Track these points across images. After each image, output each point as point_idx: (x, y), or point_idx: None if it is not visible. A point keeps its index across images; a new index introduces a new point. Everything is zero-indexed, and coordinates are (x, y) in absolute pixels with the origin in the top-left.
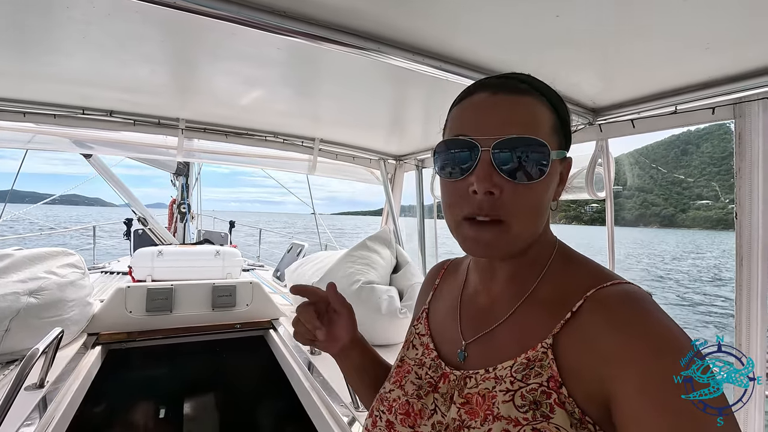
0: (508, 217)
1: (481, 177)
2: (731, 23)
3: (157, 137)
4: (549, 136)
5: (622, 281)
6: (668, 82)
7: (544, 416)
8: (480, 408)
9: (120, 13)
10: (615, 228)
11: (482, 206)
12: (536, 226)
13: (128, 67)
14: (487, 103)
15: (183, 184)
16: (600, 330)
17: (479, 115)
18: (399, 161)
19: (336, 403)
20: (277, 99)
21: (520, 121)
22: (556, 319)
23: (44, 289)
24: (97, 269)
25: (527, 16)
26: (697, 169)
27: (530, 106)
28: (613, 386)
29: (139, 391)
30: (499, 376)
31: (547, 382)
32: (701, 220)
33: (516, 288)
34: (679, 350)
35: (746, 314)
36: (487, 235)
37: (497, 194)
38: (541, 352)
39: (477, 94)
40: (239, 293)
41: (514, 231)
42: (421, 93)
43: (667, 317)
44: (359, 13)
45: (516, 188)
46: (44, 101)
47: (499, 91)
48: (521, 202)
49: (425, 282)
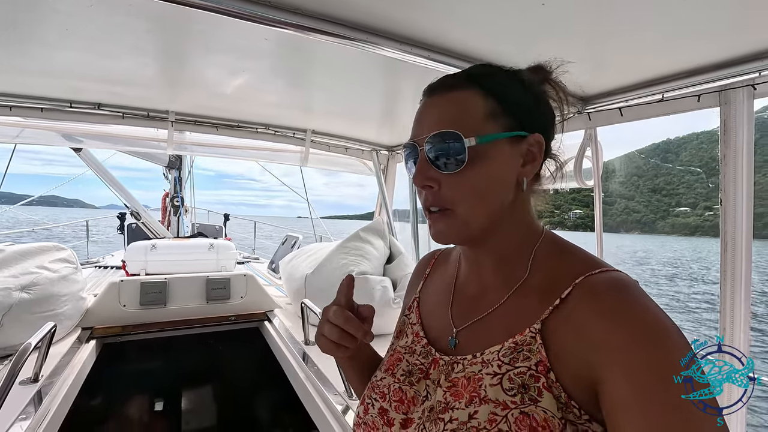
0: (453, 204)
1: (417, 173)
2: (716, 12)
3: (147, 130)
4: (481, 122)
5: (610, 269)
6: (655, 70)
7: (532, 399)
8: (465, 390)
9: (103, 5)
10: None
11: (428, 199)
12: (484, 207)
13: (115, 59)
14: (424, 106)
15: (176, 177)
16: (588, 317)
17: (419, 117)
18: (392, 152)
19: (330, 392)
20: (268, 90)
21: (445, 117)
22: (545, 306)
23: (36, 284)
24: (90, 264)
25: (514, 4)
26: (677, 177)
27: (456, 100)
28: (601, 372)
29: (135, 384)
30: (486, 360)
31: (536, 366)
32: (680, 227)
33: (504, 275)
34: (666, 337)
35: (730, 298)
36: (439, 225)
37: (436, 187)
38: (530, 336)
39: (423, 98)
40: (233, 286)
41: (461, 216)
42: (413, 83)
43: (654, 304)
44: (349, 3)
45: (449, 178)
46: (31, 94)
47: (434, 92)
48: (460, 189)
49: (416, 271)
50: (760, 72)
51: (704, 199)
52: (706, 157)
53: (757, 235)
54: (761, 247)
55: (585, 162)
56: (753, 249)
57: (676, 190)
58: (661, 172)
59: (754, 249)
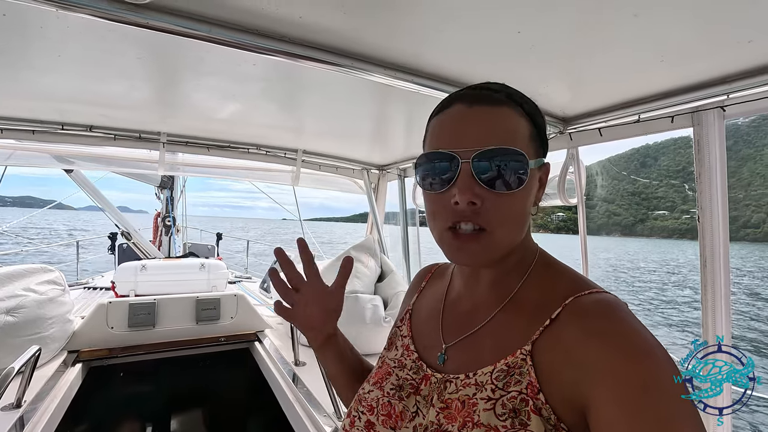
0: (491, 226)
1: (462, 188)
2: (684, 37)
3: (139, 151)
4: (526, 144)
5: (599, 290)
6: (631, 93)
7: (522, 424)
8: (459, 413)
9: (94, 32)
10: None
11: (465, 216)
12: (519, 233)
13: (106, 83)
14: (464, 115)
15: (167, 197)
16: (577, 338)
17: (457, 127)
18: (382, 171)
19: (319, 413)
20: (259, 112)
21: (497, 132)
22: (535, 326)
23: (22, 307)
24: (80, 285)
25: (490, 31)
26: (656, 181)
27: (507, 117)
28: (589, 394)
29: (123, 408)
30: (479, 383)
31: (526, 389)
32: (658, 230)
33: (498, 294)
34: (652, 357)
35: (711, 315)
36: (471, 245)
37: (479, 204)
38: (520, 358)
39: (454, 106)
40: (224, 306)
41: (497, 239)
42: (401, 105)
43: (642, 326)
44: (332, 31)
45: (497, 198)
46: (22, 117)
47: (476, 103)
48: (503, 210)
49: (412, 284)
50: (729, 94)
51: (682, 202)
52: (684, 161)
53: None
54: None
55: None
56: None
57: (654, 194)
58: (640, 175)
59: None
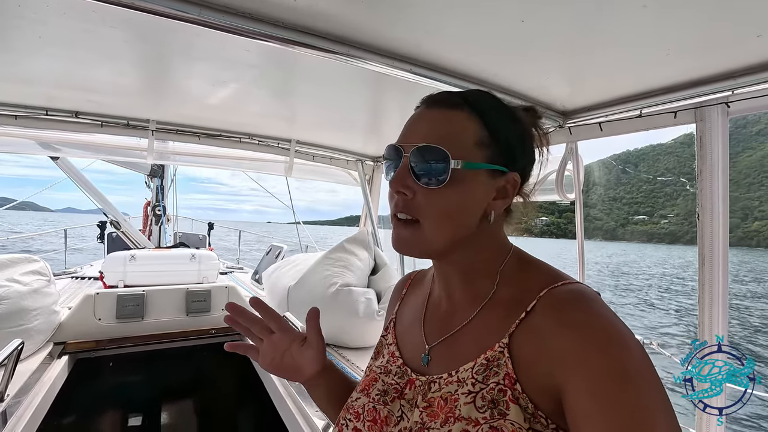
0: (422, 217)
1: (397, 178)
2: (689, 31)
3: (127, 139)
4: (470, 148)
5: (572, 281)
6: (633, 87)
7: (501, 414)
8: (441, 410)
9: (76, 13)
10: (563, 241)
11: (398, 204)
12: (451, 228)
13: (92, 67)
14: (420, 115)
15: (158, 186)
16: (551, 328)
17: (411, 124)
18: (377, 162)
19: (310, 407)
20: (251, 100)
21: (438, 131)
22: (512, 319)
23: (4, 298)
24: (67, 274)
25: (493, 20)
26: (635, 187)
27: (452, 119)
28: (564, 384)
29: (111, 400)
30: (461, 379)
31: (504, 380)
32: (638, 234)
33: (474, 293)
34: (623, 345)
35: (708, 314)
36: (404, 233)
37: (410, 195)
38: (498, 351)
39: (420, 106)
40: (214, 298)
41: (427, 231)
42: (398, 96)
43: (614, 315)
44: (329, 16)
45: (427, 192)
46: (4, 101)
47: (434, 105)
48: (432, 205)
49: (393, 293)
50: (733, 90)
51: (660, 208)
52: (662, 168)
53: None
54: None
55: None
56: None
57: (635, 199)
58: (621, 181)
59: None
